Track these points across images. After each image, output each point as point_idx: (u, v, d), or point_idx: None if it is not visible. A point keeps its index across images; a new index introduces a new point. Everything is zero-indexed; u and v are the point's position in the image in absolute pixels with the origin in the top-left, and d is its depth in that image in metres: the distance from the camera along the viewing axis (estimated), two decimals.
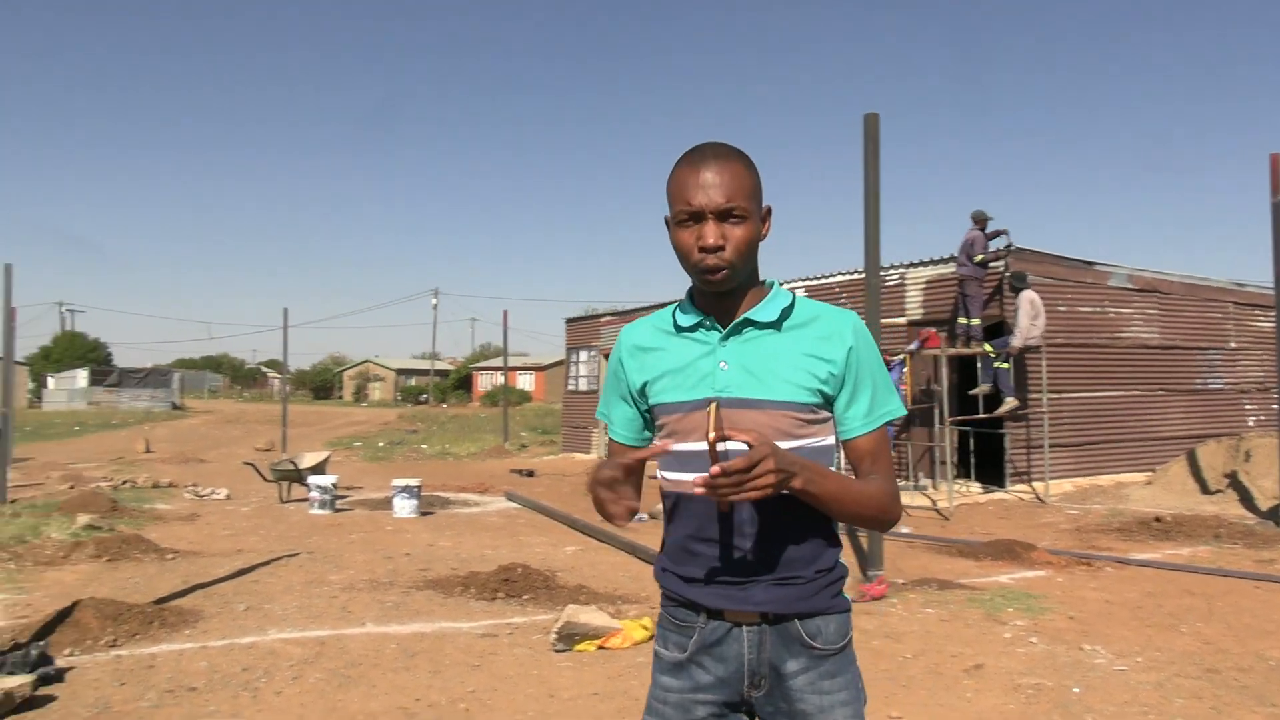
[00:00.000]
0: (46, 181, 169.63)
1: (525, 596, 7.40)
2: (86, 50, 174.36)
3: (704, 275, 1.84)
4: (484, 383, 73.52)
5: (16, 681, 4.75)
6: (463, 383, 77.67)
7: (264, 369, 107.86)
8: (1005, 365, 13.94)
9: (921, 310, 15.82)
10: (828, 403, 1.89)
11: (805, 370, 1.85)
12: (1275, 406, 12.27)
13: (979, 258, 14.21)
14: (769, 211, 1.92)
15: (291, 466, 14.13)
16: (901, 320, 15.91)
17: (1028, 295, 13.82)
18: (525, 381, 70.55)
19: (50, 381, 62.72)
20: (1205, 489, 13.12)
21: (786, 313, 1.91)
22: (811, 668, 1.87)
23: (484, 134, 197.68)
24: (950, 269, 15.18)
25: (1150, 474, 14.74)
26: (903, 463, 15.51)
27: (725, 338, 1.89)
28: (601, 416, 2.12)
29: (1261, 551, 9.46)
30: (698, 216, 1.82)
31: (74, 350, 69.90)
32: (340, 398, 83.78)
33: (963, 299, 14.34)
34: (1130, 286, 16.07)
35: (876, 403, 1.91)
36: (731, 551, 1.86)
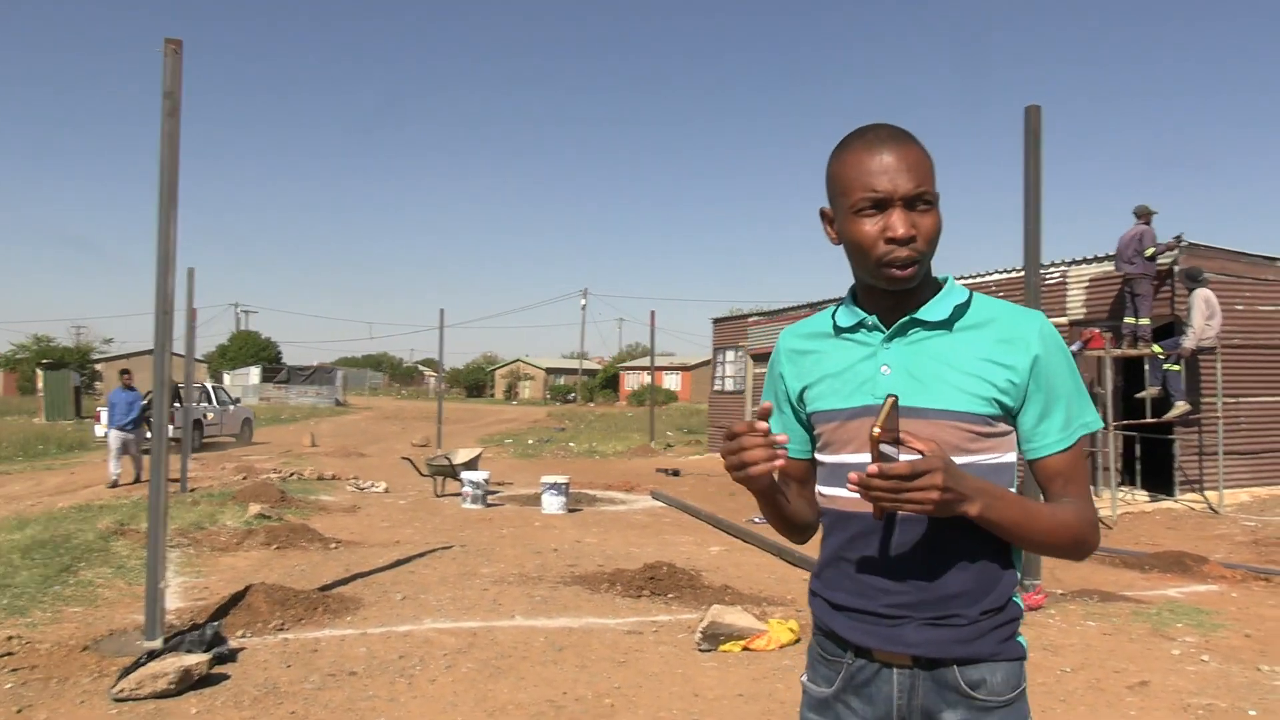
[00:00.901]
0: (225, 187, 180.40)
1: (670, 595, 7.43)
2: (239, 53, 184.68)
3: (891, 270, 1.62)
4: (631, 382, 74.11)
5: (195, 659, 5.07)
6: (610, 382, 78.53)
7: (421, 367, 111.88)
8: (1176, 367, 13.19)
9: (1084, 310, 15.14)
10: (1007, 415, 1.66)
11: (979, 377, 1.63)
12: None
13: (1150, 251, 13.49)
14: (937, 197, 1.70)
15: (446, 462, 14.57)
16: (1063, 320, 15.26)
17: (1202, 293, 13.02)
18: (671, 381, 70.76)
19: (226, 378, 66.59)
20: None
21: (960, 311, 1.69)
22: None
23: (633, 133, 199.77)
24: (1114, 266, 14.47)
25: None
26: None
27: (889, 339, 1.69)
28: None
29: None
30: (882, 204, 1.60)
31: (248, 348, 74.11)
32: (492, 396, 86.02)
33: (1131, 298, 13.62)
34: None
35: (1072, 415, 1.67)
36: (884, 580, 1.66)
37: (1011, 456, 1.70)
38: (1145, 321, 13.44)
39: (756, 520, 12.07)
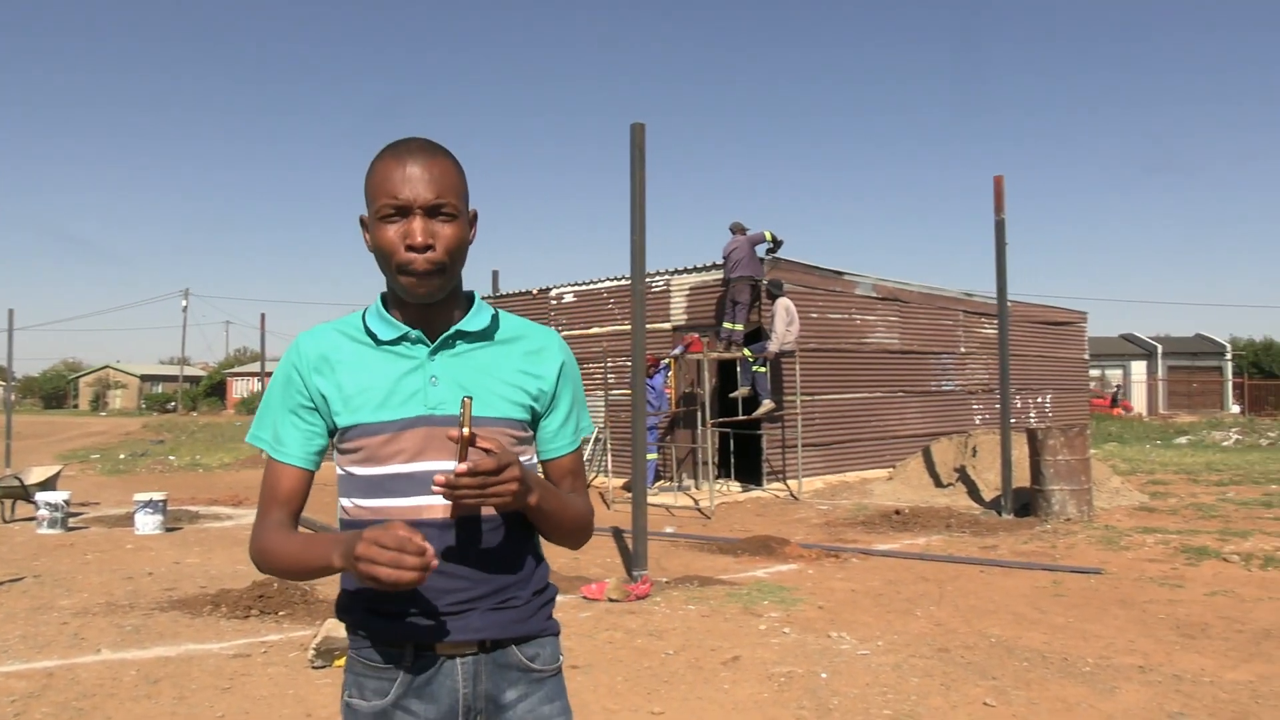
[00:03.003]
0: None
1: (282, 613, 7.07)
2: None
3: (411, 278, 1.67)
4: (240, 389, 70.04)
5: None
6: (216, 389, 73.46)
7: None
8: (762, 369, 14.60)
9: (685, 316, 16.33)
10: (534, 420, 1.82)
11: (517, 386, 1.78)
12: (998, 406, 13.50)
13: (768, 234, 14.91)
14: (475, 215, 1.80)
15: (16, 482, 12.90)
16: (667, 325, 16.37)
17: (783, 302, 14.54)
18: None
19: None
20: (938, 483, 14.23)
21: (495, 325, 1.81)
22: (532, 693, 1.78)
23: (237, 127, 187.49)
24: (712, 276, 15.76)
25: (891, 470, 15.84)
26: (667, 464, 15.95)
27: (434, 351, 1.75)
28: (257, 441, 1.82)
29: (985, 538, 10.36)
30: (404, 211, 1.66)
31: None
32: (76, 407, 77.33)
33: (732, 305, 14.87)
34: (874, 295, 17.22)
35: (580, 420, 1.89)
36: (445, 581, 1.68)
37: (535, 459, 1.85)
38: (739, 327, 14.76)
39: None
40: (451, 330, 1.76)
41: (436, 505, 1.67)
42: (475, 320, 1.79)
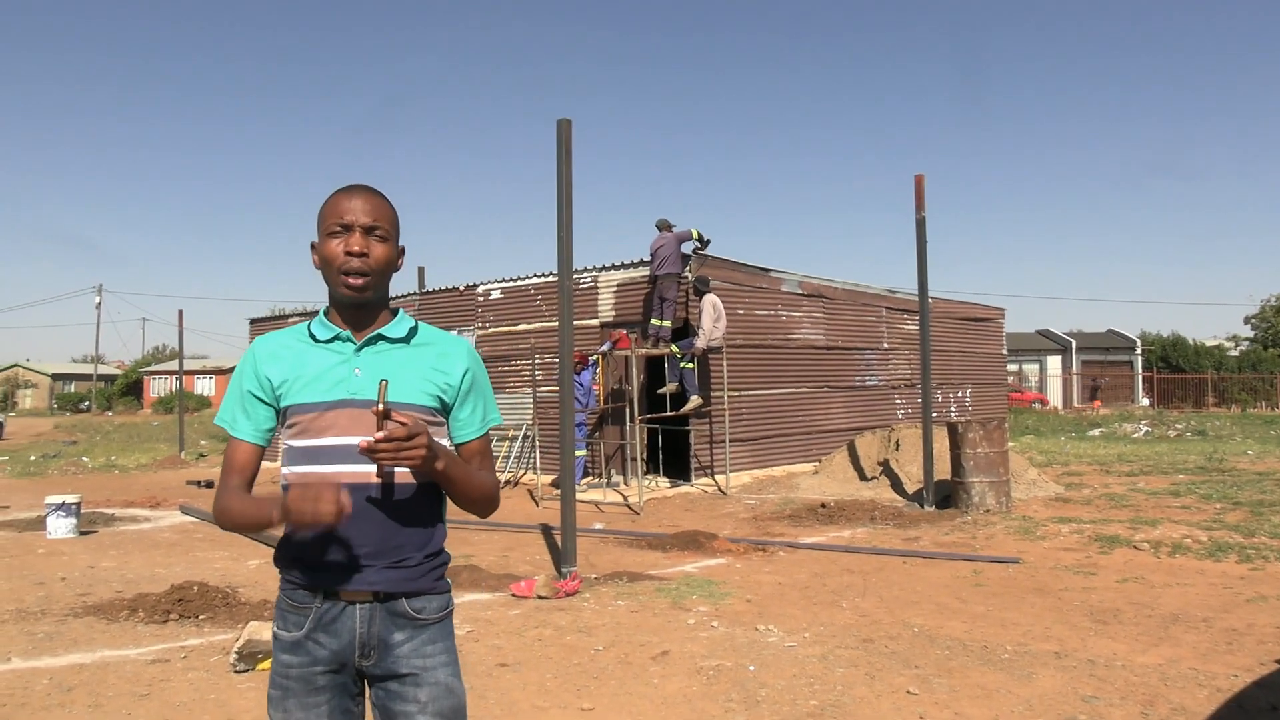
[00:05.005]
0: None
1: (202, 616, 6.92)
2: None
3: (346, 279, 2.14)
4: (157, 388, 68.34)
5: None
6: (132, 388, 71.49)
7: None
8: (690, 365, 14.67)
9: (613, 312, 16.33)
10: (444, 409, 2.24)
11: (428, 380, 2.20)
12: (920, 400, 13.77)
13: (695, 232, 14.96)
14: (403, 250, 2.27)
15: None
16: (595, 322, 16.36)
17: (710, 299, 14.63)
18: (204, 386, 66.09)
19: None
20: (863, 476, 14.47)
21: (413, 333, 2.25)
22: (415, 637, 2.17)
23: (159, 123, 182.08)
24: (640, 272, 15.78)
25: (817, 464, 16.06)
26: (596, 460, 15.95)
27: (360, 349, 2.18)
28: (222, 422, 2.26)
29: (909, 530, 10.56)
30: (347, 228, 2.14)
31: None
32: None
33: (660, 302, 14.90)
34: (800, 292, 17.43)
35: (487, 413, 2.32)
36: (351, 535, 2.10)
37: (446, 441, 2.26)
38: (667, 324, 14.81)
39: None
40: (374, 333, 2.20)
41: (350, 473, 2.09)
42: (396, 328, 2.23)
